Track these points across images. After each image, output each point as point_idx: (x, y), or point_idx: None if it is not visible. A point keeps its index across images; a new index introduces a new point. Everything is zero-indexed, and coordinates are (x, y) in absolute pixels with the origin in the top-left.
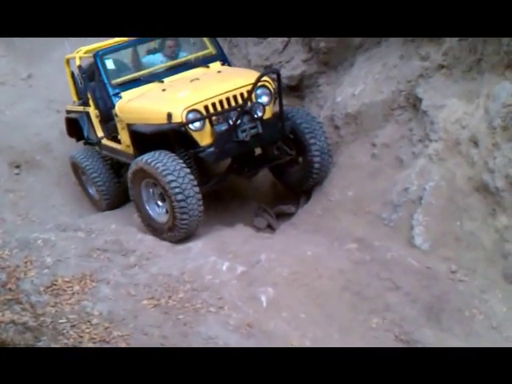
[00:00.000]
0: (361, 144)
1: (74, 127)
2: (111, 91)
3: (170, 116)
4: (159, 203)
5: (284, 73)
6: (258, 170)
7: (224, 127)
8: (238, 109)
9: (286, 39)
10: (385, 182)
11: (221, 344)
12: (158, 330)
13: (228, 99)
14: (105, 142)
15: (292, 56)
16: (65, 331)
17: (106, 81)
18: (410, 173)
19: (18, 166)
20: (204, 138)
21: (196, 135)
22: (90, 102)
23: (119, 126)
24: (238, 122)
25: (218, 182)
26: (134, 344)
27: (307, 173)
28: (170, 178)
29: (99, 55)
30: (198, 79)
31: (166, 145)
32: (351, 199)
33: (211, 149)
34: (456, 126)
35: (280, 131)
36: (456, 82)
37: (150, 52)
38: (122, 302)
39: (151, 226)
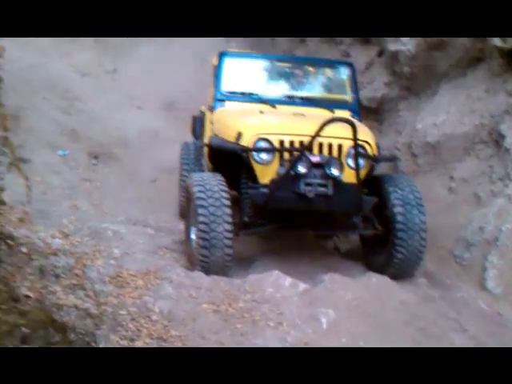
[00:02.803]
0: (438, 175)
1: (193, 126)
2: (218, 95)
3: (239, 136)
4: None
5: (365, 93)
6: (329, 235)
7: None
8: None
9: (369, 60)
10: (460, 218)
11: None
12: (215, 336)
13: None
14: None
15: (374, 77)
16: (124, 323)
17: (218, 83)
18: (487, 212)
19: (96, 157)
20: (266, 176)
21: (258, 168)
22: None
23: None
24: (304, 171)
25: (262, 229)
26: (190, 346)
27: (389, 258)
28: (200, 195)
29: (224, 54)
30: (302, 115)
31: (236, 172)
32: None
33: (264, 189)
34: None
35: (357, 205)
36: None
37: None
38: (183, 302)
39: (187, 250)
